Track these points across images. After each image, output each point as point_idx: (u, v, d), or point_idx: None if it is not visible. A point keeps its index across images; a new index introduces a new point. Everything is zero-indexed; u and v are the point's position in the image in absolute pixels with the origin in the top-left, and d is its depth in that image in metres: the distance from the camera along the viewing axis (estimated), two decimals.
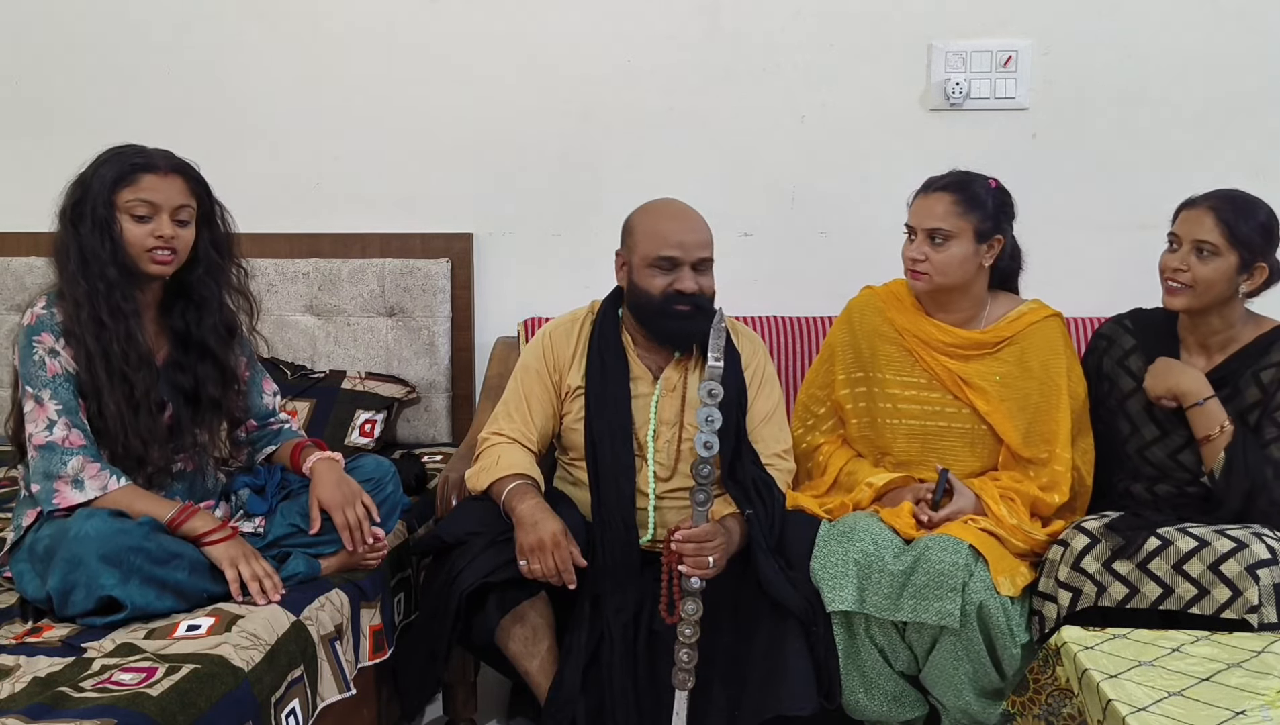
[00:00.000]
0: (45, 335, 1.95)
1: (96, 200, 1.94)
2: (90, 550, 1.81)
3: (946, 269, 2.25)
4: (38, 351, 1.94)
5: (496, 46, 3.01)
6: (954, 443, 2.32)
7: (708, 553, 2.07)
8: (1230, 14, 2.88)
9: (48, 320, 1.96)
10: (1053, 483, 2.25)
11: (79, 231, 1.94)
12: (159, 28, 3.06)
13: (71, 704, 1.56)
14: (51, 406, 1.93)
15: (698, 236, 2.25)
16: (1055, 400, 2.27)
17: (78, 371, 1.95)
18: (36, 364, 1.94)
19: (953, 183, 2.27)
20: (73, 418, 1.93)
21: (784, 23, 2.96)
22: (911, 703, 2.21)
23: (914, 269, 2.28)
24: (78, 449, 1.93)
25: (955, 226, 2.23)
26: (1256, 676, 1.64)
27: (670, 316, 2.25)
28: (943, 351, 2.32)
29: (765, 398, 2.38)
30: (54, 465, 1.91)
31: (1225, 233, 2.12)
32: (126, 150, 2.00)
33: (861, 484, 2.30)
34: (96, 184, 1.95)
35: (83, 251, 1.94)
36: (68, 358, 1.95)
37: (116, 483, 1.94)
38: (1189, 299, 2.17)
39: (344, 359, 3.01)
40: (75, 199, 1.96)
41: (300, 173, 3.09)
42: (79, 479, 1.92)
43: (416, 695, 2.31)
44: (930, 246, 2.25)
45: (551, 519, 2.12)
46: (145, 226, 1.96)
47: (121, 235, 1.95)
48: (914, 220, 2.28)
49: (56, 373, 1.94)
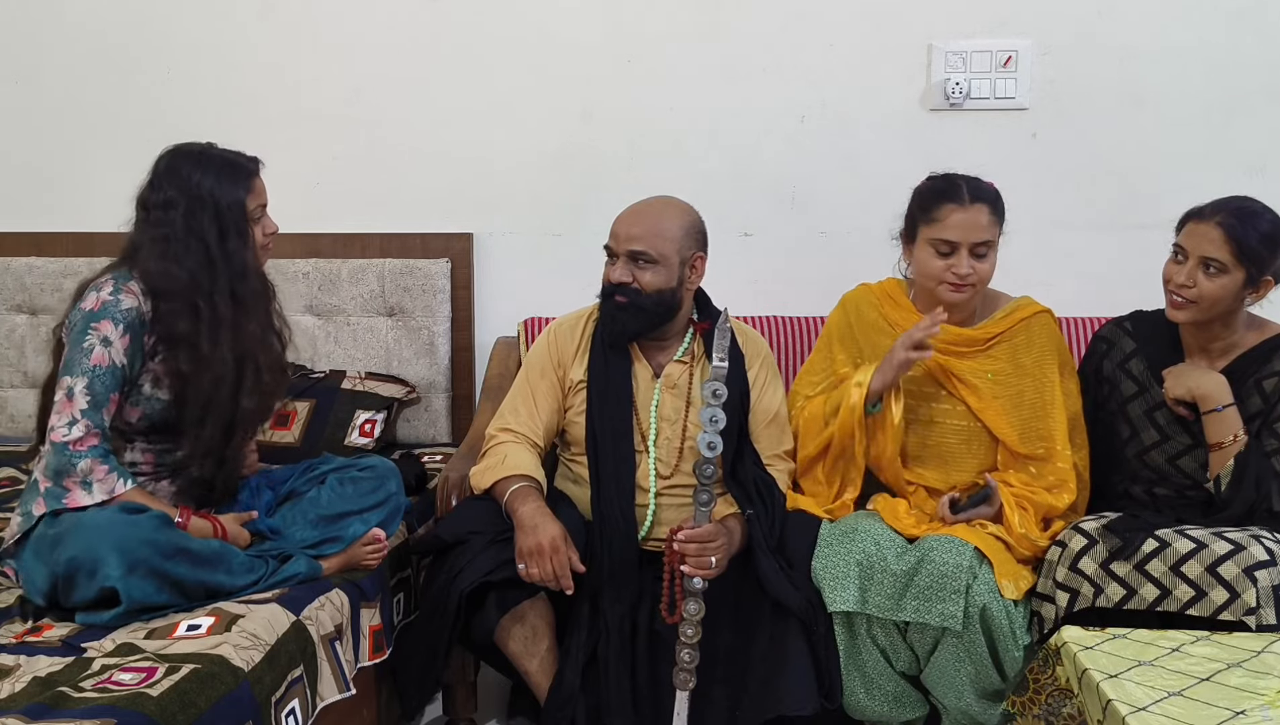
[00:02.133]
0: (105, 323, 1.96)
1: (234, 214, 2.04)
2: (102, 538, 1.84)
3: (988, 278, 2.25)
4: (90, 338, 1.95)
5: (497, 46, 3.01)
6: (951, 440, 2.32)
7: (710, 553, 2.08)
8: (1230, 14, 2.87)
9: (113, 307, 1.97)
10: (1059, 481, 2.24)
11: (225, 246, 2.03)
12: (159, 28, 3.06)
13: (71, 704, 1.56)
14: (80, 400, 1.94)
15: (631, 229, 2.25)
16: (1050, 396, 2.27)
17: (130, 365, 1.98)
18: (84, 350, 1.95)
19: (981, 193, 2.24)
20: (94, 416, 1.95)
21: (784, 23, 2.95)
22: (912, 703, 2.21)
23: (963, 283, 2.23)
24: (89, 450, 1.93)
25: (995, 236, 2.24)
26: (1256, 676, 1.64)
27: (607, 307, 2.28)
28: (935, 347, 2.30)
29: (768, 399, 2.38)
30: (65, 464, 1.93)
31: (1234, 250, 2.08)
32: (217, 157, 2.06)
33: (850, 386, 2.26)
34: (226, 198, 2.03)
35: (229, 262, 2.03)
36: (120, 351, 1.96)
37: (124, 486, 1.96)
38: (1193, 313, 2.14)
39: (344, 359, 3.01)
40: (200, 216, 2.01)
41: (300, 173, 3.09)
42: (87, 481, 1.93)
43: (416, 695, 2.31)
44: (975, 260, 2.22)
45: (552, 524, 2.12)
46: (259, 227, 2.10)
47: (254, 240, 2.08)
48: (956, 235, 2.21)
49: (100, 363, 1.95)
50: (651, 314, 2.26)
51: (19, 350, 3.06)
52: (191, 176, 2.02)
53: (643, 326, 2.28)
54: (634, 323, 2.27)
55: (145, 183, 2.06)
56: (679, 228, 2.27)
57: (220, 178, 2.03)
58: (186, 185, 2.02)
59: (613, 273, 2.27)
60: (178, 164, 2.04)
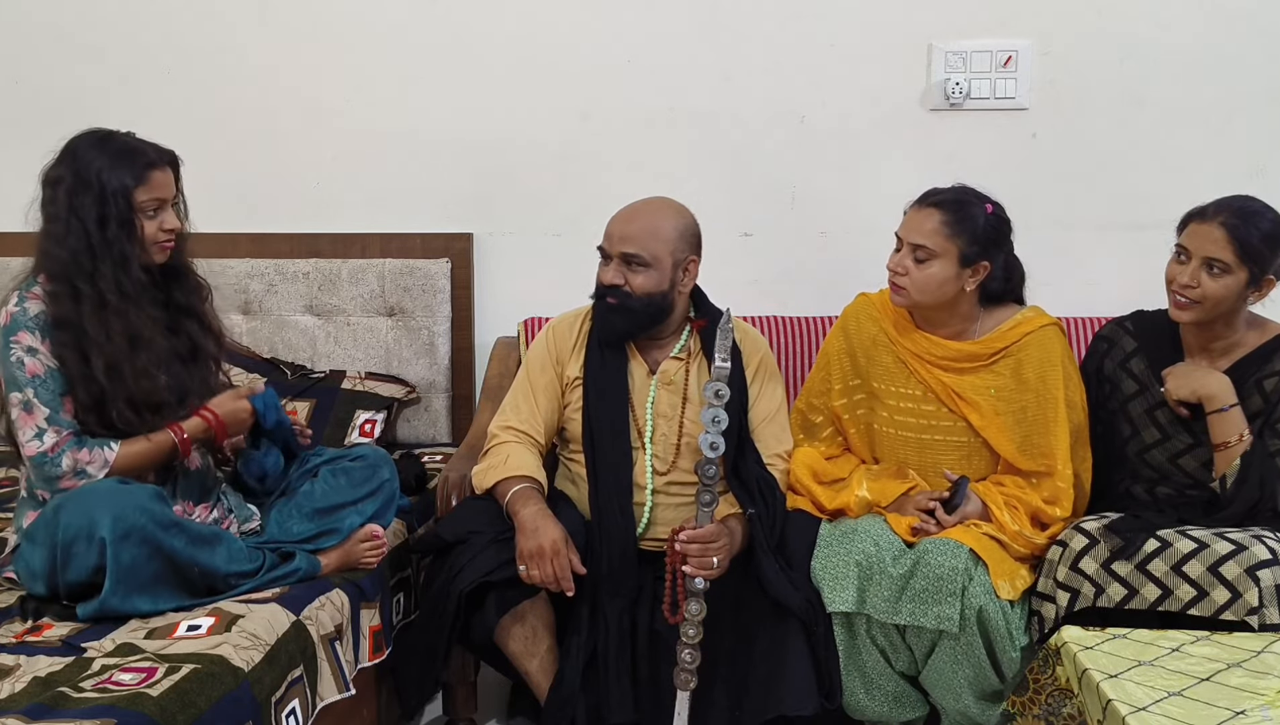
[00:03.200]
0: (22, 333, 1.95)
1: (117, 202, 1.96)
2: (99, 503, 1.84)
3: (925, 287, 2.22)
4: (15, 352, 1.95)
5: (497, 46, 3.00)
6: (950, 455, 2.30)
7: (712, 553, 2.08)
8: (1230, 14, 2.87)
9: (22, 317, 1.96)
10: (1055, 497, 2.22)
11: (105, 233, 1.96)
12: (159, 28, 3.06)
13: (71, 704, 1.56)
14: (39, 410, 1.94)
15: (624, 230, 2.25)
16: (1053, 413, 2.24)
17: (62, 366, 1.95)
18: (15, 365, 1.95)
19: (949, 201, 2.21)
20: (56, 417, 1.94)
21: (784, 23, 2.95)
22: (912, 703, 2.20)
23: (893, 281, 2.26)
24: (65, 447, 1.94)
25: (940, 246, 2.19)
26: (1256, 676, 1.64)
27: (599, 308, 2.29)
28: (936, 364, 2.29)
29: (768, 398, 2.38)
30: (51, 470, 1.93)
31: (1237, 250, 2.07)
32: (118, 143, 2.00)
33: (854, 493, 2.27)
34: (112, 184, 1.96)
35: (108, 249, 1.96)
36: (47, 353, 1.95)
37: (110, 451, 1.96)
38: (1197, 314, 2.14)
39: (344, 359, 3.01)
40: (83, 197, 1.96)
41: (300, 173, 3.09)
42: (81, 470, 1.94)
43: (416, 695, 2.32)
44: (912, 261, 2.21)
45: (553, 526, 2.12)
46: (154, 221, 2.02)
47: (141, 232, 1.99)
48: (902, 231, 2.26)
49: (36, 372, 1.95)
50: (642, 316, 2.27)
51: None
52: (85, 157, 1.97)
53: (634, 328, 2.29)
54: (624, 324, 2.27)
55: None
56: (673, 230, 2.26)
57: (113, 162, 1.97)
58: (76, 165, 1.97)
59: (605, 274, 2.27)
60: (78, 143, 2.00)
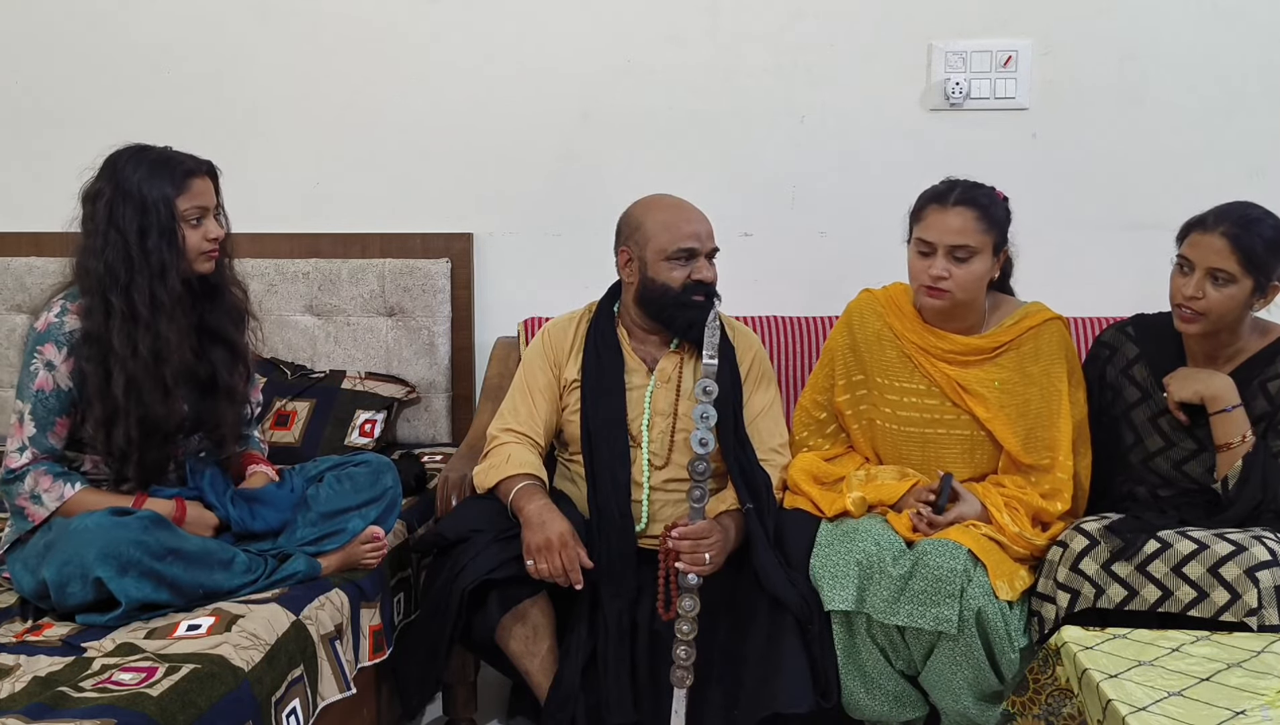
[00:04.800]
0: (49, 346, 1.96)
1: (159, 211, 1.95)
2: (88, 543, 1.84)
3: (967, 285, 2.20)
4: (35, 362, 1.96)
5: (497, 46, 3.00)
6: (953, 450, 2.30)
7: (704, 549, 2.09)
8: (1230, 14, 2.87)
9: (57, 330, 1.97)
10: (1054, 490, 2.23)
11: (145, 243, 1.95)
12: (159, 28, 3.06)
13: (71, 704, 1.56)
14: (28, 426, 1.95)
15: (709, 227, 2.32)
16: (1056, 406, 2.24)
17: (80, 383, 1.95)
18: (30, 375, 1.96)
19: (974, 197, 2.20)
20: (40, 440, 1.96)
21: (784, 23, 2.95)
22: (912, 702, 2.20)
23: (936, 286, 2.20)
24: (32, 467, 1.95)
25: (979, 242, 2.17)
26: (1256, 676, 1.64)
27: (689, 306, 2.27)
28: (941, 357, 2.29)
29: (761, 393, 2.39)
30: (15, 487, 1.96)
31: (1241, 259, 2.05)
32: (156, 154, 2.01)
33: (847, 498, 2.25)
34: (153, 194, 1.95)
35: (147, 259, 1.95)
36: (64, 373, 1.96)
37: (71, 489, 1.97)
38: (1204, 326, 2.11)
39: (344, 359, 3.01)
40: (124, 209, 1.95)
41: (300, 173, 3.09)
42: (36, 494, 1.95)
43: (416, 694, 2.31)
44: (951, 263, 2.18)
45: (559, 520, 2.13)
46: (198, 231, 2.01)
47: (184, 242, 1.99)
48: (933, 236, 2.19)
49: (44, 388, 1.96)
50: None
51: (19, 350, 3.05)
52: (124, 170, 1.97)
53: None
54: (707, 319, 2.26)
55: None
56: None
57: (152, 172, 1.96)
58: (116, 178, 1.97)
59: (706, 272, 2.28)
60: (116, 157, 2.00)
